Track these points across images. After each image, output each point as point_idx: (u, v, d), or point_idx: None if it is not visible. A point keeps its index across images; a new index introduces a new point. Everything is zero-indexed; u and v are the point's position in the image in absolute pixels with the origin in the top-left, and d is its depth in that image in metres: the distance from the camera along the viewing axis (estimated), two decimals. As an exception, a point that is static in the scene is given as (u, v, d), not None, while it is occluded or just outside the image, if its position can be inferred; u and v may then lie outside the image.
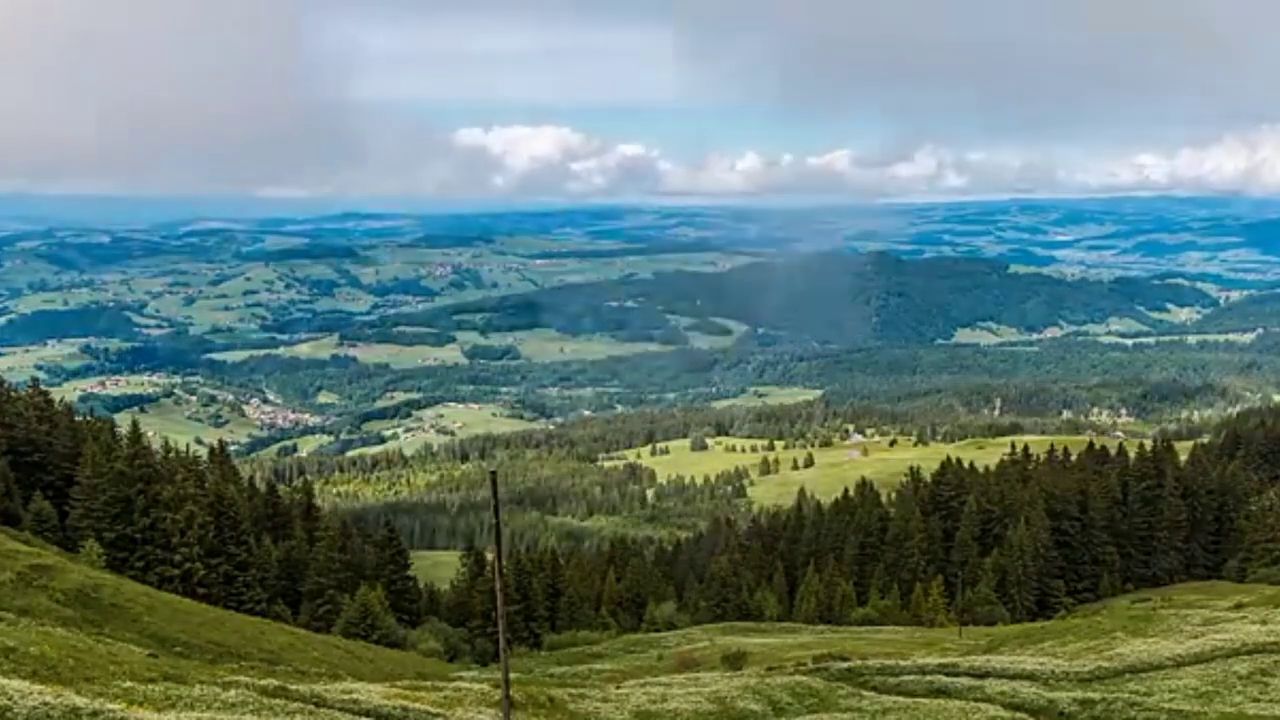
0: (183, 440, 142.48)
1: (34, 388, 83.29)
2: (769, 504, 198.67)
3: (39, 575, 38.09)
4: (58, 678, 18.86)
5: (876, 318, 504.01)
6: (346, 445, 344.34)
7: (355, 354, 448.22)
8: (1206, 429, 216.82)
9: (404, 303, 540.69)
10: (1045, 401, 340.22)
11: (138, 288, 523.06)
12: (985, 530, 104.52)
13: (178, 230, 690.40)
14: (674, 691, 29.74)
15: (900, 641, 62.77)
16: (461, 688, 27.68)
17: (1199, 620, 41.33)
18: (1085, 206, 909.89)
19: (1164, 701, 27.17)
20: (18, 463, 67.47)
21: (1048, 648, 41.22)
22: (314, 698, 21.04)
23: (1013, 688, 29.11)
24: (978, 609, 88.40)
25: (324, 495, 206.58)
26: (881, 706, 27.87)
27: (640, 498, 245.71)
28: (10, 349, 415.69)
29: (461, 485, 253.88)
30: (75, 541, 58.75)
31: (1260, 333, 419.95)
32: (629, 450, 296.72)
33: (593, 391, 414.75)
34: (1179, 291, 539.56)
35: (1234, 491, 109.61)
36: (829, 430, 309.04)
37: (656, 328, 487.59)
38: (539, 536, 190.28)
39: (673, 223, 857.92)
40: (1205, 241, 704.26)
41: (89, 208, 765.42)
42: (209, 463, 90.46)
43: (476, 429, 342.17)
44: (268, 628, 48.77)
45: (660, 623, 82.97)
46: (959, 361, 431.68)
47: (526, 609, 79.19)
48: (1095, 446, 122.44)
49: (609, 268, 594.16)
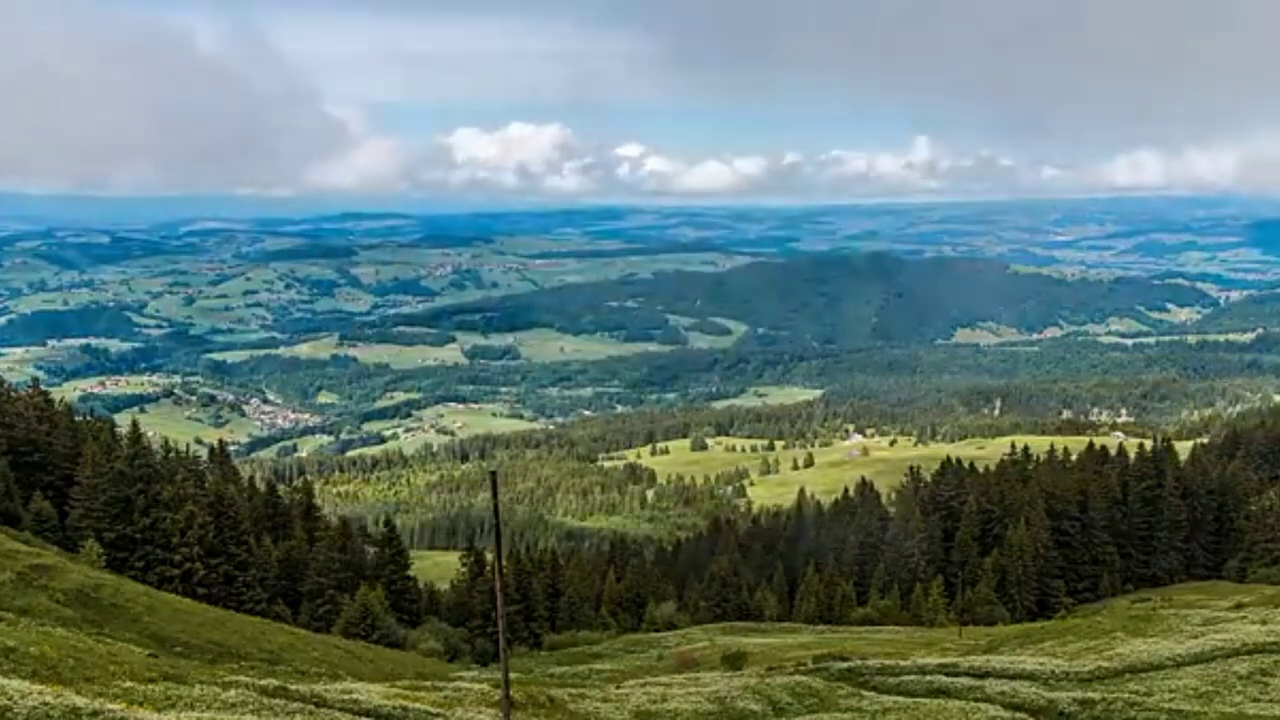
0: (183, 440, 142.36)
1: (34, 388, 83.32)
2: (769, 504, 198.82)
3: (39, 575, 38.08)
4: (58, 678, 18.85)
5: (876, 318, 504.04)
6: (346, 445, 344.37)
7: (355, 354, 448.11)
8: (1206, 429, 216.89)
9: (404, 303, 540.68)
10: (1045, 401, 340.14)
11: (138, 288, 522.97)
12: (985, 530, 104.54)
13: (178, 230, 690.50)
14: (674, 691, 29.74)
15: (900, 641, 62.76)
16: (461, 688, 27.67)
17: (1199, 620, 41.32)
18: (1085, 206, 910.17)
19: (1164, 701, 27.16)
20: (18, 463, 67.45)
21: (1048, 648, 41.21)
22: (314, 698, 21.04)
23: (1013, 688, 29.10)
24: (978, 609, 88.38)
25: (324, 495, 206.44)
26: (881, 706, 27.87)
27: (640, 498, 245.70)
28: (10, 349, 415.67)
29: (461, 485, 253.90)
30: (75, 541, 58.76)
31: (1260, 333, 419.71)
32: (629, 450, 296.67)
33: (593, 391, 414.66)
34: (1179, 291, 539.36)
35: (1234, 491, 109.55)
36: (829, 430, 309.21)
37: (656, 328, 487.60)
38: (539, 536, 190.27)
39: (673, 223, 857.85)
40: (1205, 241, 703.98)
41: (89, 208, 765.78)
42: (209, 463, 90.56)
43: (476, 429, 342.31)
44: (268, 628, 48.76)
45: (660, 623, 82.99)
46: (959, 361, 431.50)
47: (526, 609, 79.18)
48: (1095, 446, 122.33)
49: (609, 268, 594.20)
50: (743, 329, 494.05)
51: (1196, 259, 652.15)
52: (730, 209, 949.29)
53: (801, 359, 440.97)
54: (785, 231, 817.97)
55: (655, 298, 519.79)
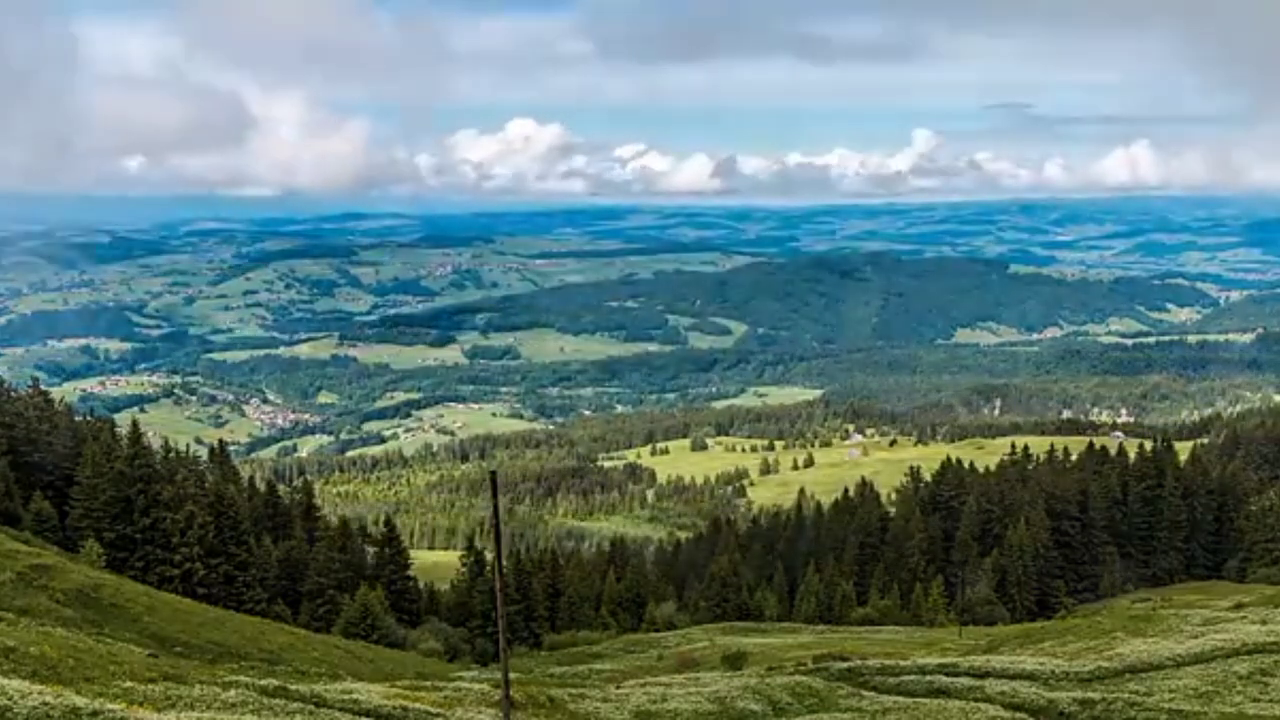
0: (183, 440, 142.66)
1: (34, 388, 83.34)
2: (769, 504, 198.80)
3: (39, 575, 38.09)
4: (58, 678, 18.85)
5: (876, 318, 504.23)
6: (346, 445, 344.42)
7: (355, 354, 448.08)
8: (1206, 429, 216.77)
9: (404, 303, 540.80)
10: (1045, 401, 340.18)
11: (138, 288, 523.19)
12: (985, 530, 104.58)
13: (178, 230, 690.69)
14: (674, 691, 29.73)
15: (900, 641, 62.76)
16: (461, 688, 27.66)
17: (1199, 620, 41.29)
18: (1085, 206, 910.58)
19: (1164, 701, 27.16)
20: (18, 463, 67.42)
21: (1048, 648, 41.20)
22: (314, 698, 21.03)
23: (1013, 688, 29.09)
24: (978, 609, 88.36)
25: (324, 495, 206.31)
26: (881, 706, 27.86)
27: (640, 498, 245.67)
28: (10, 349, 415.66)
29: (461, 485, 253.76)
30: (75, 541, 58.75)
31: (1260, 333, 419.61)
32: (629, 450, 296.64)
33: (593, 391, 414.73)
34: (1179, 291, 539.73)
35: (1234, 491, 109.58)
36: (829, 430, 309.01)
37: (656, 328, 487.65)
38: (539, 536, 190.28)
39: (673, 223, 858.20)
40: (1205, 241, 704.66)
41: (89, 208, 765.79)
42: (209, 463, 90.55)
43: (476, 429, 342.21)
44: (268, 628, 48.76)
45: (660, 623, 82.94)
46: (959, 361, 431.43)
47: (526, 609, 79.16)
48: (1095, 446, 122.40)
49: (609, 268, 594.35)
50: (743, 329, 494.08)
51: (1196, 259, 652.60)
52: (730, 209, 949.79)
53: (801, 359, 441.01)
54: (785, 231, 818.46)
55: (655, 298, 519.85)
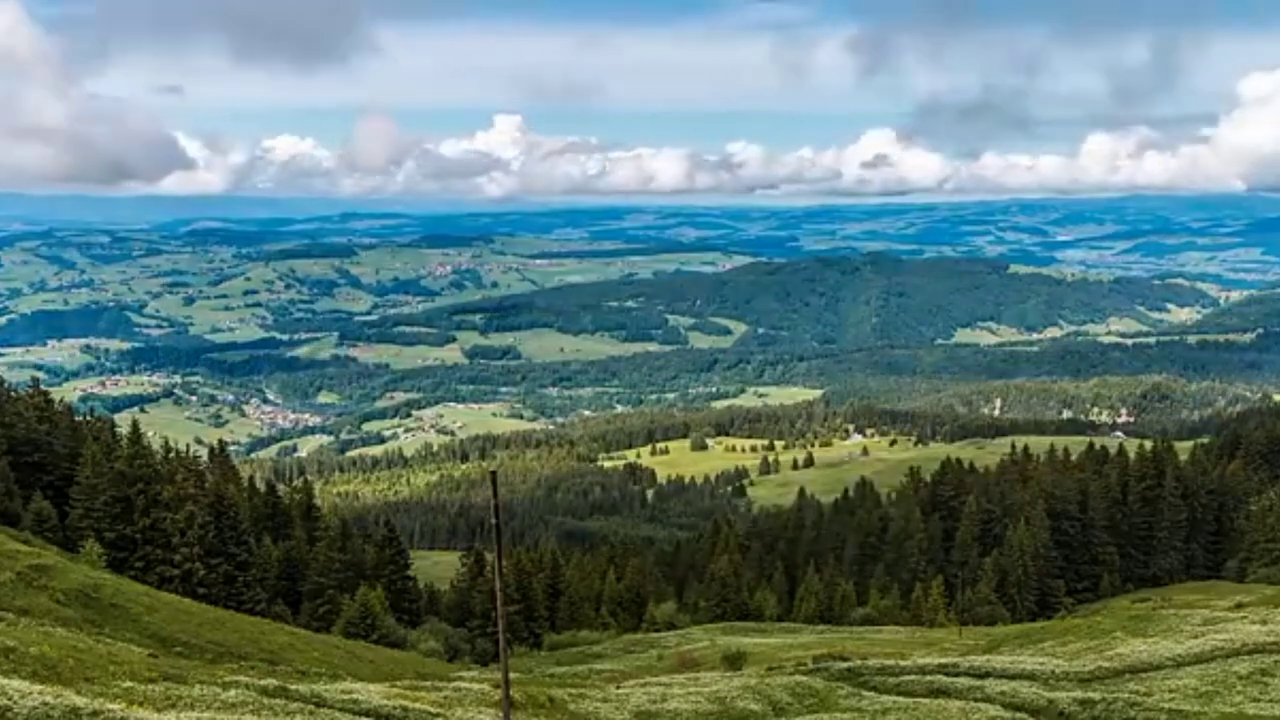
0: (183, 440, 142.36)
1: (34, 388, 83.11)
2: (769, 504, 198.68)
3: (39, 575, 38.07)
4: (58, 678, 18.85)
5: (876, 318, 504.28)
6: (346, 445, 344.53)
7: (355, 354, 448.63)
8: (1206, 429, 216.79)
9: (404, 303, 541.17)
10: (1045, 401, 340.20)
11: (138, 288, 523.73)
12: (985, 530, 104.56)
13: (178, 230, 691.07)
14: (674, 691, 29.73)
15: (900, 641, 62.73)
16: (461, 688, 27.67)
17: (1199, 620, 41.27)
18: (1085, 206, 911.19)
19: (1164, 701, 27.14)
20: (18, 463, 67.34)
21: (1048, 648, 41.19)
22: (314, 698, 21.03)
23: (1013, 688, 29.08)
24: (978, 609, 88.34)
25: (324, 495, 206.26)
26: (881, 706, 27.85)
27: (640, 498, 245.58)
28: (10, 349, 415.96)
29: (461, 485, 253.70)
30: (75, 541, 58.67)
31: (1260, 333, 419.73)
32: (629, 450, 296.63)
33: (593, 391, 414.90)
34: (1179, 291, 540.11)
35: (1234, 491, 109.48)
36: (829, 430, 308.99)
37: (656, 328, 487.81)
38: (539, 536, 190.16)
39: (673, 223, 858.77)
40: (1205, 241, 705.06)
41: (89, 208, 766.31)
42: (209, 463, 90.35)
43: (476, 429, 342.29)
44: (268, 628, 48.72)
45: (660, 623, 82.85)
46: (959, 361, 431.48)
47: (526, 609, 79.11)
48: (1095, 446, 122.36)
49: (609, 268, 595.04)
50: (743, 329, 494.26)
51: (1196, 259, 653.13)
52: (730, 209, 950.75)
53: (801, 359, 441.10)
54: (785, 231, 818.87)
55: (655, 298, 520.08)
